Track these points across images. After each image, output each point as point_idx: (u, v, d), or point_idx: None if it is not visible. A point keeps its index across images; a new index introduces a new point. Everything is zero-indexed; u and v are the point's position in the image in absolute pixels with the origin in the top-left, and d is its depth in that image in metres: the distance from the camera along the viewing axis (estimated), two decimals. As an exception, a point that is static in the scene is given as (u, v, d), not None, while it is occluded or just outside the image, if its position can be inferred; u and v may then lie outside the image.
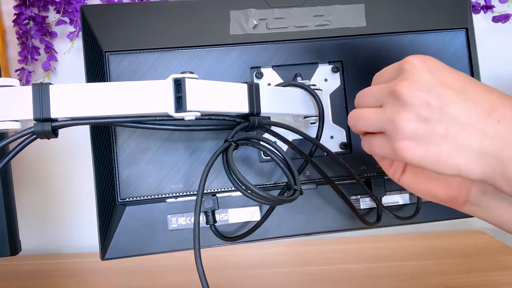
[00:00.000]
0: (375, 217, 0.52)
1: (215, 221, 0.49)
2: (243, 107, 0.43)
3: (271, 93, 0.45)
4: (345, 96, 0.52)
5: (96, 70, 0.48)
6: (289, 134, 0.48)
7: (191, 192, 0.49)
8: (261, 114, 0.44)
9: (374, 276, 0.72)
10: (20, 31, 0.83)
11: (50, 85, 0.37)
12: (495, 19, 0.87)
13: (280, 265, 0.79)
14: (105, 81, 0.48)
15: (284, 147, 0.49)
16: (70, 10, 0.82)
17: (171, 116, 0.39)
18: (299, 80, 0.51)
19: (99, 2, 0.84)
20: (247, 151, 0.50)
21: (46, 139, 0.38)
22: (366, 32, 0.52)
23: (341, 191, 0.49)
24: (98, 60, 0.48)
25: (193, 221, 0.41)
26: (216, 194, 0.49)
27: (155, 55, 0.49)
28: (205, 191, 0.49)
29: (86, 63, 0.49)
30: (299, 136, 0.48)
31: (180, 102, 0.38)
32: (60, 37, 0.86)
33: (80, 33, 0.53)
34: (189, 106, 0.38)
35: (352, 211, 0.52)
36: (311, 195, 0.52)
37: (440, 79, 0.34)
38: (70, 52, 0.86)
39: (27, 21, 0.83)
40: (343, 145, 0.52)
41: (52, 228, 0.91)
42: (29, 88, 0.36)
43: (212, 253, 0.59)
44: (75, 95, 0.37)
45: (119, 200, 0.48)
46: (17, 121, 0.37)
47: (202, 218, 0.49)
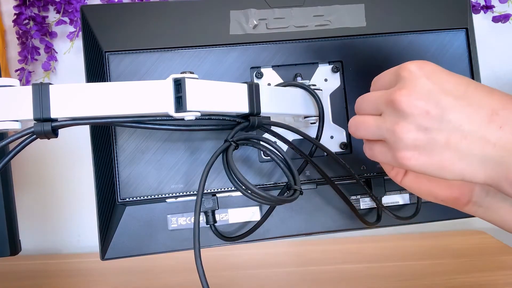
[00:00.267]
0: (375, 217, 0.52)
1: (215, 221, 0.49)
2: (243, 107, 0.43)
3: (271, 93, 0.45)
4: (345, 96, 0.52)
5: (96, 70, 0.48)
6: (289, 134, 0.48)
7: (191, 192, 0.49)
8: (261, 114, 0.44)
9: (374, 276, 0.72)
10: (20, 31, 0.83)
11: (50, 85, 0.37)
12: (495, 19, 0.87)
13: (280, 265, 0.79)
14: (105, 81, 0.48)
15: (284, 147, 0.49)
16: (70, 10, 0.82)
17: (171, 116, 0.39)
18: (299, 80, 0.51)
19: (99, 2, 0.84)
20: (247, 151, 0.50)
21: (46, 139, 0.38)
22: (366, 32, 0.52)
23: (341, 191, 0.49)
24: (98, 60, 0.48)
25: (193, 221, 0.41)
26: (216, 194, 0.49)
27: (155, 55, 0.49)
28: (205, 191, 0.49)
29: (86, 63, 0.49)
30: (299, 136, 0.48)
31: (180, 102, 0.38)
32: (60, 37, 0.86)
33: (80, 33, 0.53)
34: (189, 106, 0.38)
35: (352, 211, 0.52)
36: (311, 195, 0.52)
37: (439, 86, 0.33)
38: (70, 52, 0.86)
39: (27, 21, 0.83)
40: (343, 145, 0.52)
41: (52, 228, 0.91)
42: (29, 88, 0.36)
43: (212, 253, 0.59)
44: (75, 95, 0.37)
45: (119, 200, 0.48)
46: (17, 121, 0.37)
47: (202, 218, 0.49)
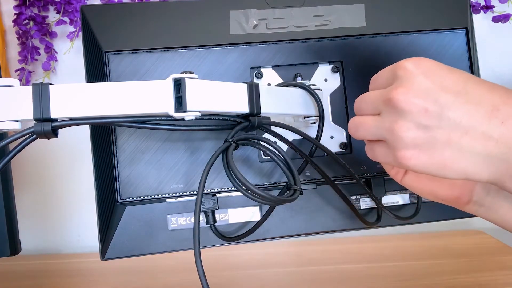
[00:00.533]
0: (375, 217, 0.52)
1: (215, 221, 0.49)
2: (243, 107, 0.43)
3: (271, 93, 0.45)
4: (345, 96, 0.52)
5: (96, 70, 0.48)
6: (289, 134, 0.48)
7: (191, 192, 0.49)
8: (261, 114, 0.44)
9: (374, 276, 0.72)
10: (20, 31, 0.83)
11: (50, 85, 0.37)
12: (495, 19, 0.87)
13: (280, 265, 0.79)
14: (105, 81, 0.48)
15: (284, 147, 0.49)
16: (70, 10, 0.82)
17: (171, 116, 0.39)
18: (299, 80, 0.51)
19: (99, 2, 0.84)
20: (247, 151, 0.50)
21: (46, 139, 0.38)
22: (366, 32, 0.52)
23: (341, 191, 0.49)
24: (98, 60, 0.48)
25: (193, 221, 0.41)
26: (216, 194, 0.49)
27: (155, 55, 0.49)
28: (205, 191, 0.49)
29: (86, 63, 0.49)
30: (299, 136, 0.48)
31: (180, 102, 0.38)
32: (60, 37, 0.86)
33: (80, 33, 0.53)
34: (189, 106, 0.38)
35: (352, 211, 0.52)
36: (311, 195, 0.52)
37: (437, 83, 0.32)
38: (70, 52, 0.86)
39: (27, 21, 0.83)
40: (343, 145, 0.52)
41: (52, 228, 0.91)
42: (29, 88, 0.36)
43: (212, 253, 0.59)
44: (75, 95, 0.37)
45: (119, 200, 0.48)
46: (17, 121, 0.37)
47: (202, 218, 0.49)
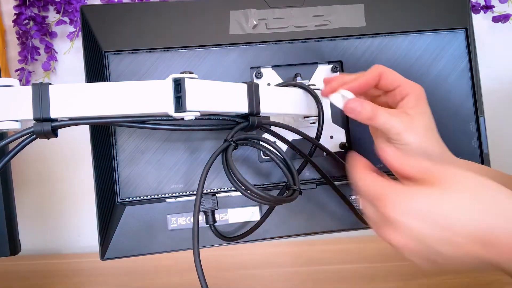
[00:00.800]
0: (375, 217, 0.52)
1: (215, 221, 0.49)
2: (243, 107, 0.43)
3: (271, 93, 0.45)
4: (345, 96, 0.52)
5: (96, 70, 0.48)
6: (289, 134, 0.48)
7: (191, 192, 0.49)
8: (261, 114, 0.44)
9: (374, 276, 0.72)
10: (20, 31, 0.83)
11: (50, 85, 0.37)
12: (495, 19, 0.87)
13: (280, 265, 0.79)
14: (105, 81, 0.48)
15: (284, 147, 0.49)
16: (70, 10, 0.82)
17: (171, 116, 0.39)
18: (299, 80, 0.51)
19: (99, 2, 0.84)
20: (247, 151, 0.50)
21: (46, 139, 0.38)
22: (366, 32, 0.52)
23: (341, 191, 0.49)
24: (98, 60, 0.48)
25: (192, 221, 0.41)
26: (216, 194, 0.49)
27: (155, 55, 0.49)
28: (205, 191, 0.49)
29: (86, 63, 0.49)
30: (299, 136, 0.48)
31: (180, 102, 0.38)
32: (60, 37, 0.86)
33: (80, 33, 0.53)
34: (189, 106, 0.38)
35: (352, 211, 0.52)
36: (311, 195, 0.52)
37: (428, 230, 0.31)
38: (70, 52, 0.86)
39: (27, 21, 0.83)
40: (343, 145, 0.52)
41: (52, 228, 0.91)
42: (29, 88, 0.36)
43: (212, 253, 0.59)
44: (75, 95, 0.37)
45: (119, 200, 0.48)
46: (17, 121, 0.37)
47: (202, 218, 0.49)
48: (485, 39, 0.89)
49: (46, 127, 0.37)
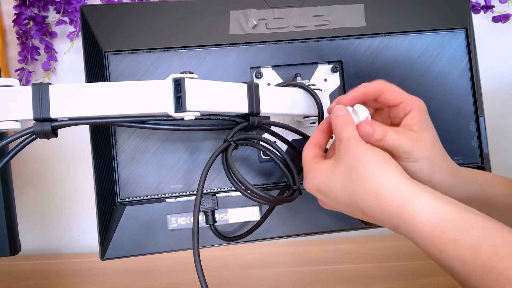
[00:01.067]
0: (375, 217, 0.52)
1: (215, 221, 0.49)
2: (243, 107, 0.43)
3: (271, 93, 0.45)
4: (345, 96, 0.52)
5: (96, 70, 0.48)
6: (289, 134, 0.48)
7: (191, 192, 0.49)
8: (261, 114, 0.44)
9: (374, 276, 0.72)
10: (20, 31, 0.83)
11: (50, 85, 0.37)
12: (495, 19, 0.87)
13: (280, 265, 0.79)
14: (105, 81, 0.48)
15: (284, 147, 0.49)
16: (70, 10, 0.82)
17: (171, 116, 0.39)
18: (299, 80, 0.51)
19: (99, 2, 0.84)
20: (247, 151, 0.50)
21: (46, 139, 0.38)
22: (366, 32, 0.52)
23: (341, 191, 0.49)
24: (98, 60, 0.48)
25: (192, 221, 0.41)
26: (216, 194, 0.49)
27: (155, 55, 0.49)
28: (205, 191, 0.49)
29: (86, 63, 0.49)
30: (299, 136, 0.48)
31: (180, 102, 0.38)
32: (60, 37, 0.86)
33: (80, 33, 0.53)
34: (189, 106, 0.38)
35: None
36: (311, 195, 0.52)
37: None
38: (70, 52, 0.86)
39: (27, 21, 0.83)
40: (343, 145, 0.52)
41: (52, 228, 0.91)
42: (29, 88, 0.36)
43: (212, 253, 0.59)
44: (75, 95, 0.37)
45: (119, 200, 0.48)
46: (17, 121, 0.37)
47: (202, 218, 0.49)
48: (485, 39, 0.89)
49: (46, 127, 0.37)
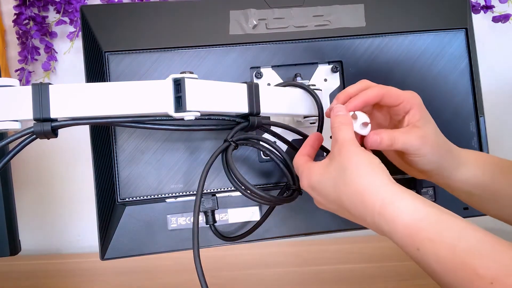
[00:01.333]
0: (375, 217, 0.52)
1: (215, 221, 0.49)
2: (243, 107, 0.43)
3: (271, 93, 0.45)
4: (345, 96, 0.52)
5: (96, 70, 0.48)
6: (289, 134, 0.48)
7: (191, 192, 0.49)
8: (261, 114, 0.44)
9: (374, 276, 0.72)
10: (20, 31, 0.83)
11: (50, 85, 0.37)
12: (495, 19, 0.87)
13: (280, 265, 0.79)
14: (105, 81, 0.48)
15: (284, 147, 0.49)
16: (70, 10, 0.82)
17: (171, 116, 0.39)
18: (299, 80, 0.51)
19: (99, 2, 0.84)
20: (247, 151, 0.50)
21: (46, 139, 0.38)
22: (366, 32, 0.52)
23: (341, 191, 0.49)
24: (98, 60, 0.48)
25: (192, 221, 0.41)
26: (216, 194, 0.49)
27: (155, 55, 0.49)
28: (205, 191, 0.49)
29: (86, 63, 0.49)
30: (299, 136, 0.48)
31: (180, 102, 0.38)
32: (60, 37, 0.86)
33: (80, 33, 0.53)
34: (189, 106, 0.38)
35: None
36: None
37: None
38: (70, 52, 0.86)
39: (27, 21, 0.83)
40: (343, 145, 0.52)
41: (52, 228, 0.91)
42: (29, 88, 0.36)
43: (212, 253, 0.59)
44: (75, 95, 0.37)
45: (119, 200, 0.48)
46: (17, 121, 0.37)
47: (202, 218, 0.49)
48: (485, 39, 0.89)
49: (46, 127, 0.37)
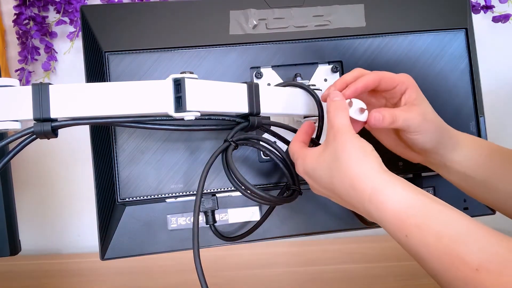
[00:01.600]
0: (375, 217, 0.52)
1: (215, 221, 0.49)
2: (243, 107, 0.43)
3: (271, 93, 0.45)
4: (345, 96, 0.52)
5: (96, 70, 0.48)
6: (289, 134, 0.48)
7: (191, 192, 0.49)
8: (261, 114, 0.44)
9: (374, 276, 0.72)
10: (20, 31, 0.83)
11: (50, 85, 0.37)
12: (495, 19, 0.87)
13: (280, 265, 0.79)
14: (105, 81, 0.48)
15: (284, 147, 0.49)
16: (70, 10, 0.82)
17: (171, 116, 0.39)
18: (299, 80, 0.51)
19: (99, 2, 0.84)
20: (247, 151, 0.50)
21: (46, 139, 0.38)
22: (366, 32, 0.52)
23: (341, 191, 0.49)
24: (98, 60, 0.48)
25: (192, 221, 0.41)
26: (216, 194, 0.49)
27: (155, 55, 0.49)
28: (205, 191, 0.49)
29: (86, 63, 0.49)
30: (299, 136, 0.48)
31: (180, 102, 0.38)
32: (60, 37, 0.86)
33: (80, 33, 0.53)
34: (189, 106, 0.38)
35: (352, 212, 0.52)
36: (311, 195, 0.52)
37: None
38: (70, 52, 0.86)
39: (27, 21, 0.83)
40: (343, 145, 0.52)
41: (52, 228, 0.91)
42: (29, 88, 0.36)
43: (212, 253, 0.59)
44: (75, 95, 0.37)
45: (119, 200, 0.48)
46: (17, 121, 0.37)
47: (202, 218, 0.49)
48: (485, 39, 0.89)
49: (46, 127, 0.37)
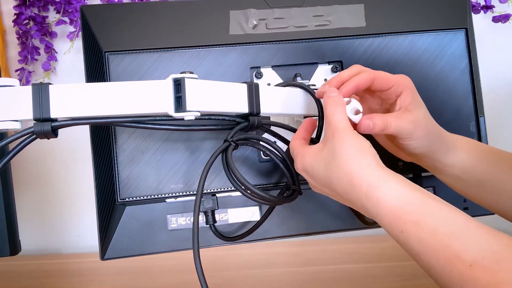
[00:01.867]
0: (375, 217, 0.52)
1: (215, 221, 0.49)
2: (243, 107, 0.43)
3: (271, 93, 0.45)
4: (345, 96, 0.52)
5: (96, 70, 0.48)
6: (289, 134, 0.48)
7: (191, 192, 0.49)
8: (261, 114, 0.44)
9: (374, 276, 0.72)
10: (20, 31, 0.83)
11: (50, 85, 0.37)
12: (495, 19, 0.87)
13: (280, 265, 0.79)
14: (105, 81, 0.48)
15: (284, 147, 0.49)
16: (70, 10, 0.82)
17: (171, 116, 0.39)
18: (299, 80, 0.51)
19: (99, 2, 0.84)
20: (247, 151, 0.50)
21: (46, 139, 0.38)
22: (366, 32, 0.52)
23: (341, 191, 0.49)
24: (98, 60, 0.48)
25: (192, 221, 0.41)
26: (216, 194, 0.49)
27: (155, 55, 0.49)
28: (205, 191, 0.49)
29: (86, 63, 0.49)
30: (299, 136, 0.48)
31: (180, 102, 0.38)
32: (60, 37, 0.86)
33: (80, 33, 0.53)
34: (189, 106, 0.38)
35: (352, 211, 0.52)
36: (311, 195, 0.52)
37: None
38: (70, 52, 0.86)
39: (27, 21, 0.83)
40: (343, 145, 0.52)
41: (52, 228, 0.91)
42: (29, 88, 0.36)
43: (212, 253, 0.59)
44: (75, 95, 0.37)
45: (119, 200, 0.48)
46: (17, 121, 0.37)
47: (202, 218, 0.49)
48: (485, 39, 0.89)
49: (46, 127, 0.37)
